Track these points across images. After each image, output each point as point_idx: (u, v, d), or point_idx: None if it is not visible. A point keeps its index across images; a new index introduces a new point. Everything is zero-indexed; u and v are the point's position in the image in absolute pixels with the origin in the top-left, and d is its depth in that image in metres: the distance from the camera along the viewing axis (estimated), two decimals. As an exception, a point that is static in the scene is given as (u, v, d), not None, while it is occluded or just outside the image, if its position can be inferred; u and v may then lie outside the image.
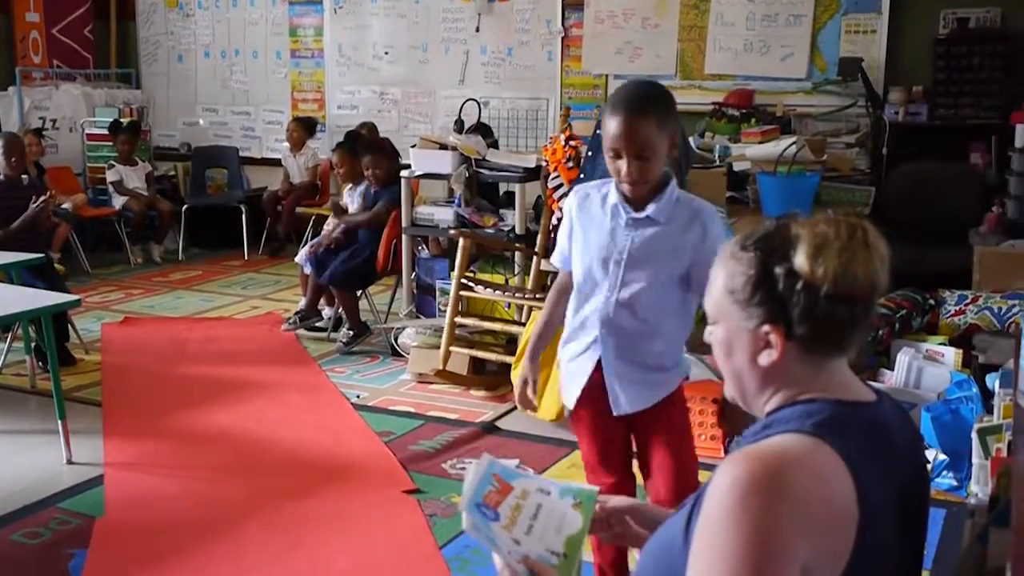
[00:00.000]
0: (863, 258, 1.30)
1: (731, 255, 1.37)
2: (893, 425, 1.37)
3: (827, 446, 1.24)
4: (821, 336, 1.32)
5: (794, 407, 1.33)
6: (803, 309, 1.30)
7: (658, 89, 2.49)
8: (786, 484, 1.19)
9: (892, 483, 1.31)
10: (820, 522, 1.19)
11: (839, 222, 1.32)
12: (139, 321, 6.35)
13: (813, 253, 1.29)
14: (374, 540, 3.40)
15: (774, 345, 1.32)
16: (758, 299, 1.32)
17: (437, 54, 8.23)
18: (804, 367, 1.34)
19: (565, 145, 5.29)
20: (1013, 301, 4.54)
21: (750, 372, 1.37)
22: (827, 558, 1.20)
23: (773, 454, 1.23)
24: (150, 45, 9.58)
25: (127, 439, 4.32)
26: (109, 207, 8.25)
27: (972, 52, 6.24)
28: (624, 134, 2.35)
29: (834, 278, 1.28)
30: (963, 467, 3.69)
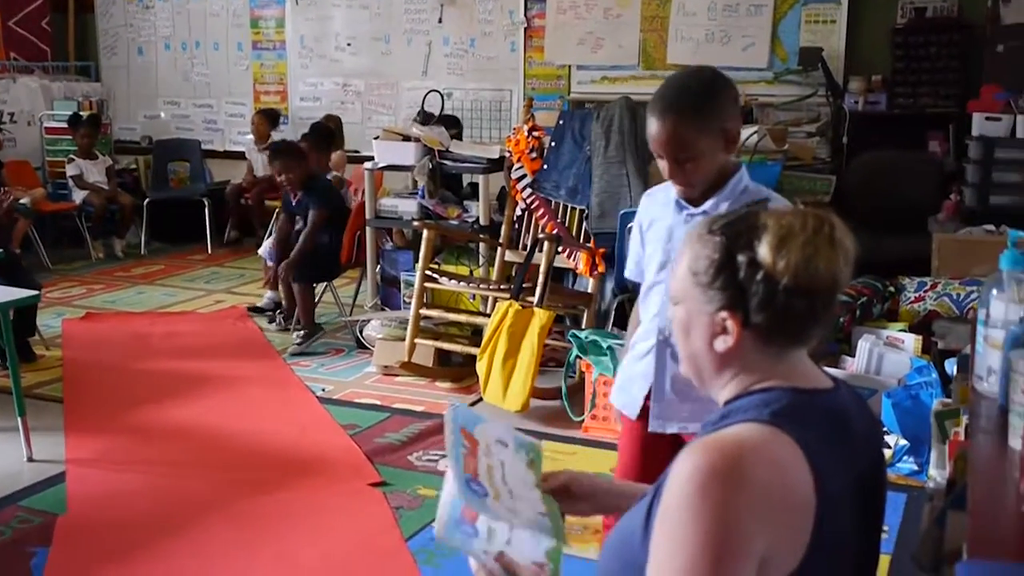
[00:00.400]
0: (826, 253, 1.29)
1: (698, 237, 1.36)
2: (851, 412, 1.38)
3: (784, 435, 1.25)
4: (778, 327, 1.32)
5: (751, 396, 1.33)
6: (761, 299, 1.30)
7: (703, 80, 2.23)
8: (744, 474, 1.19)
9: (850, 470, 1.32)
10: (778, 511, 1.20)
11: (807, 215, 1.32)
12: (101, 316, 6.30)
13: (776, 244, 1.29)
14: (340, 533, 3.39)
15: (730, 332, 1.33)
16: (719, 284, 1.32)
17: (400, 45, 8.21)
18: (761, 355, 1.34)
19: (528, 136, 5.31)
20: (971, 287, 4.60)
21: (706, 355, 1.37)
22: (785, 546, 1.22)
23: (731, 444, 1.24)
24: (109, 37, 9.48)
25: (89, 435, 4.29)
26: (69, 201, 8.16)
27: (929, 41, 6.31)
28: (658, 136, 2.16)
29: (795, 271, 1.28)
30: (923, 452, 3.74)
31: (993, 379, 1.95)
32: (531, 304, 4.50)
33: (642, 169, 4.99)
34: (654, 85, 7.09)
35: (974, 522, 1.53)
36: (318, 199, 5.66)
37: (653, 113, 2.16)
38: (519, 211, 5.39)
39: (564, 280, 5.34)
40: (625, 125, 5.02)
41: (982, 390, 2.00)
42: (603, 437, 4.21)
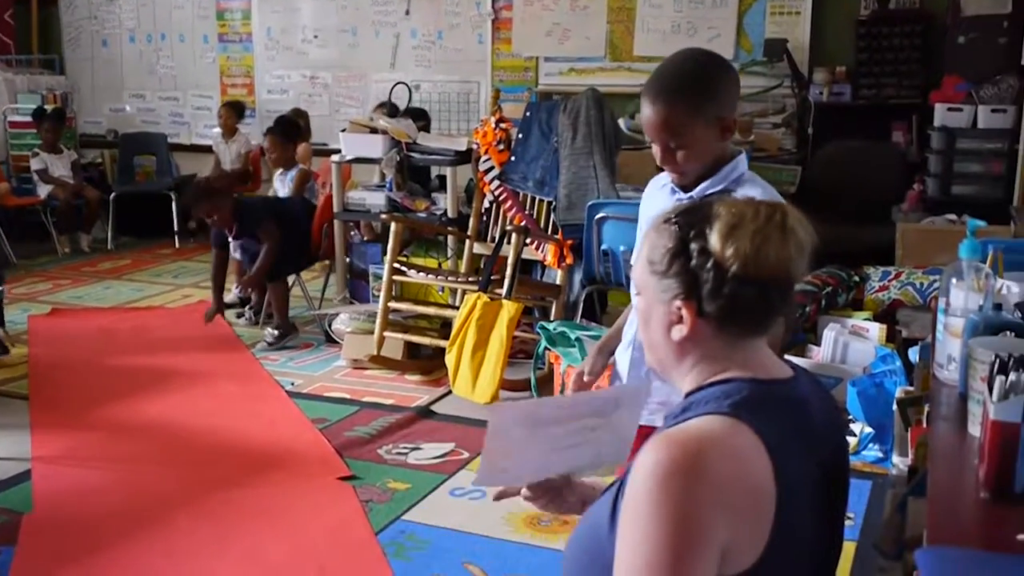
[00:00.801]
0: (777, 241, 1.29)
1: (655, 227, 1.38)
2: (810, 401, 1.39)
3: (744, 426, 1.26)
4: (730, 316, 1.33)
5: (712, 388, 1.34)
6: (712, 287, 1.31)
7: (699, 64, 2.15)
8: (705, 467, 1.20)
9: (810, 459, 1.33)
10: (739, 503, 1.21)
11: (759, 204, 1.33)
12: (67, 312, 6.24)
13: (726, 232, 1.29)
14: (309, 527, 3.39)
15: (685, 320, 1.34)
16: (673, 272, 1.33)
17: (367, 38, 8.18)
18: (718, 344, 1.35)
19: (496, 128, 5.31)
20: (934, 276, 4.66)
21: (665, 344, 1.38)
22: (747, 538, 1.23)
23: (692, 438, 1.25)
24: (73, 30, 9.37)
25: (55, 433, 4.25)
26: (34, 196, 8.08)
27: (892, 33, 6.37)
28: (649, 121, 2.10)
29: (744, 259, 1.29)
30: (888, 439, 3.78)
31: (953, 367, 1.98)
32: (500, 296, 4.51)
33: (609, 160, 5.00)
34: (621, 77, 7.12)
35: (933, 509, 1.55)
36: (258, 220, 5.51)
37: (646, 97, 2.09)
38: (487, 203, 5.40)
39: (532, 272, 5.35)
40: (592, 116, 5.03)
41: (943, 378, 2.03)
42: (572, 428, 4.22)
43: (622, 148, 5.35)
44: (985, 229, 2.30)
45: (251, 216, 5.50)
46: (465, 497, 3.62)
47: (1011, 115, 5.38)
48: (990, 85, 5.50)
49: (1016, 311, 1.98)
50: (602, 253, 4.75)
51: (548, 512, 1.70)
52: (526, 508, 3.25)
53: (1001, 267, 2.22)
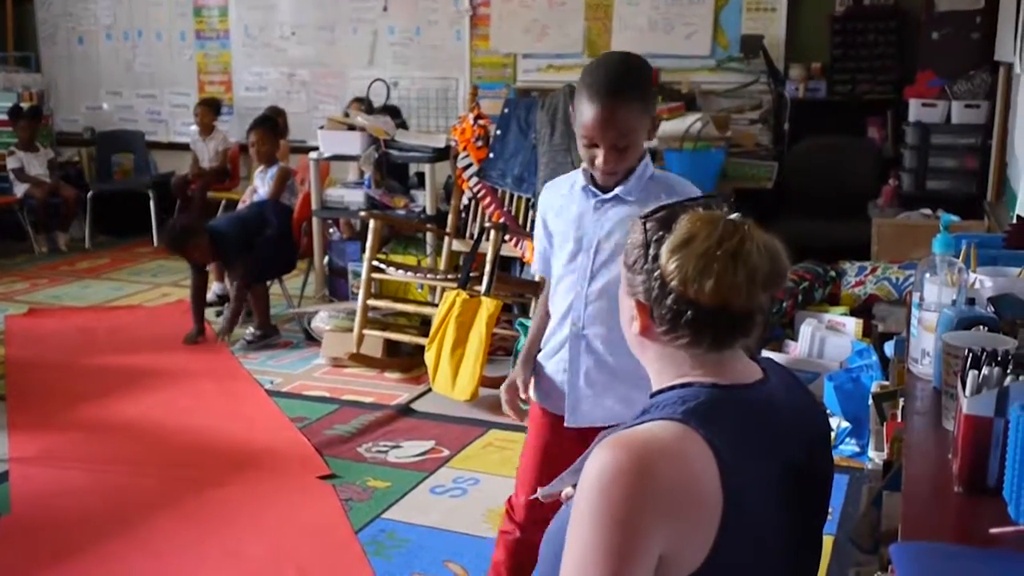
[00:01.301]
0: (722, 268, 1.26)
1: (633, 222, 1.40)
2: (778, 403, 1.39)
3: (694, 432, 1.26)
4: (674, 329, 1.33)
5: (671, 392, 1.35)
6: (657, 296, 1.32)
7: (637, 66, 2.19)
8: (649, 473, 1.21)
9: (773, 461, 1.33)
10: (681, 510, 1.22)
11: (718, 223, 1.30)
12: (44, 312, 6.20)
13: (673, 248, 1.29)
14: (288, 527, 3.39)
15: (637, 318, 1.37)
16: (636, 270, 1.36)
17: (345, 34, 8.15)
18: (675, 349, 1.36)
19: (474, 124, 5.32)
20: (910, 271, 4.69)
21: (629, 335, 1.43)
22: (688, 544, 1.24)
23: (638, 442, 1.25)
24: (49, 27, 9.30)
25: (33, 433, 4.23)
26: (10, 195, 8.00)
27: (867, 29, 6.40)
28: (601, 123, 2.10)
29: (682, 279, 1.28)
30: (864, 434, 3.81)
31: (928, 361, 2.00)
32: (479, 293, 4.51)
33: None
34: (599, 74, 6.99)
35: (908, 503, 1.57)
36: (231, 255, 5.47)
37: (595, 98, 2.09)
38: (466, 200, 5.40)
39: (511, 269, 5.35)
40: (570, 113, 5.03)
41: (917, 372, 2.05)
42: (552, 424, 4.23)
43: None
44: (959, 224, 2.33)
45: (226, 250, 5.43)
46: (446, 495, 3.63)
47: (984, 110, 5.42)
48: (963, 80, 5.55)
49: (989, 305, 2.01)
50: (581, 250, 4.76)
51: None
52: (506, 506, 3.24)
53: (975, 262, 2.25)
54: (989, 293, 2.11)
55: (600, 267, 2.24)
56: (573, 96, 2.21)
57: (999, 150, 5.19)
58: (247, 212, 5.70)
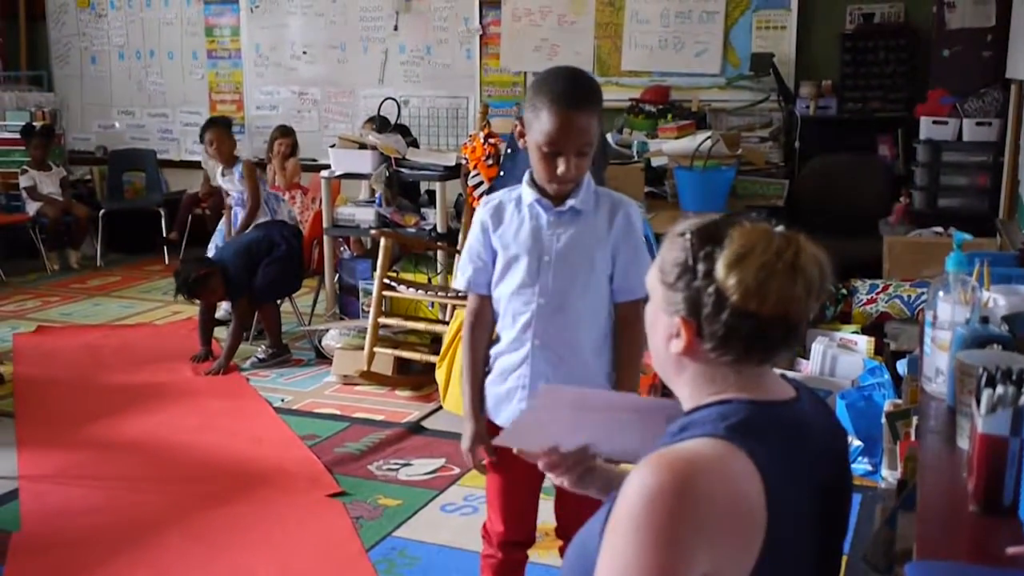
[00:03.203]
0: (782, 279, 1.26)
1: (672, 236, 1.36)
2: (811, 421, 1.38)
3: (738, 450, 1.24)
4: (725, 344, 1.30)
5: (709, 409, 1.33)
6: (710, 313, 1.29)
7: (590, 76, 2.30)
8: (693, 492, 1.19)
9: (808, 481, 1.32)
10: (726, 528, 1.21)
11: (772, 235, 1.29)
12: (52, 330, 6.22)
13: (732, 261, 1.27)
14: (299, 545, 3.38)
15: (682, 337, 1.32)
16: (679, 287, 1.32)
17: (356, 53, 8.19)
18: (716, 367, 1.33)
19: (484, 143, 5.32)
20: (922, 289, 4.68)
21: (665, 355, 1.37)
22: (731, 563, 1.22)
23: (683, 460, 1.23)
24: (61, 46, 9.37)
25: (42, 451, 4.24)
26: (23, 213, 8.05)
27: (877, 46, 6.41)
28: (567, 129, 2.14)
29: (744, 292, 1.26)
30: (877, 452, 3.79)
31: (941, 380, 1.99)
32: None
33: (597, 175, 4.98)
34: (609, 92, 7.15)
35: (923, 523, 1.56)
36: (236, 290, 5.43)
37: (561, 105, 2.13)
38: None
39: (522, 287, 5.34)
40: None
41: (931, 391, 2.04)
42: (563, 443, 4.22)
43: (610, 163, 5.37)
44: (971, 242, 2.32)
45: (235, 286, 5.40)
46: (456, 513, 3.62)
47: (996, 128, 5.41)
48: (975, 98, 5.54)
49: (1003, 324, 2.00)
50: (591, 267, 4.76)
51: (565, 486, 1.66)
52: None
53: (988, 280, 2.24)
54: (1003, 312, 2.10)
55: (559, 280, 2.27)
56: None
57: (1011, 168, 5.18)
58: (254, 235, 5.62)
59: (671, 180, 5.72)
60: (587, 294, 2.29)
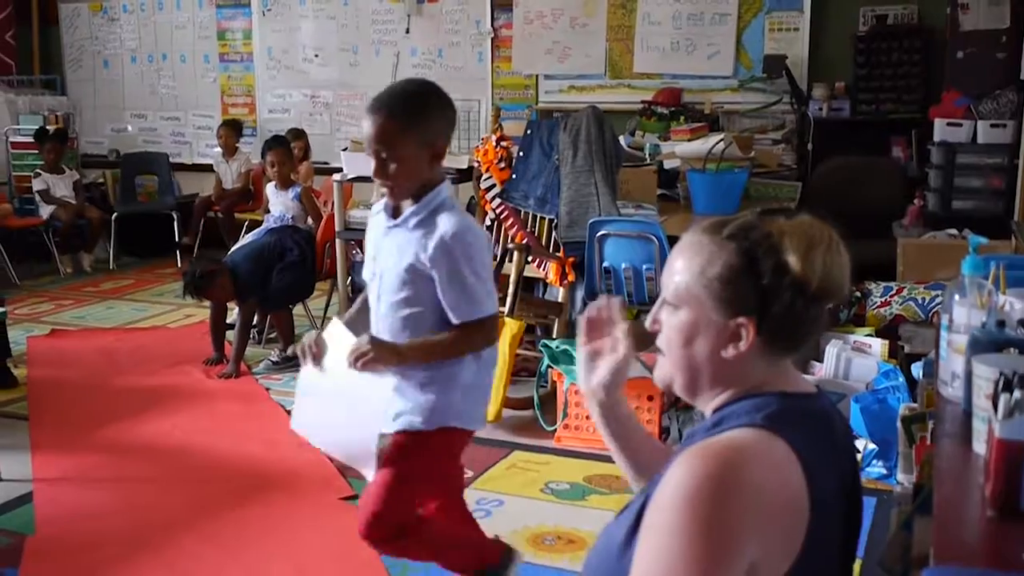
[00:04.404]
0: (839, 262, 1.34)
1: (708, 242, 1.36)
2: (833, 416, 1.41)
3: (779, 438, 1.26)
4: (787, 334, 1.35)
5: (743, 402, 1.34)
6: (785, 305, 1.31)
7: (418, 89, 2.37)
8: (739, 479, 1.21)
9: (836, 472, 1.35)
10: (772, 516, 1.22)
11: (816, 224, 1.36)
12: (66, 333, 6.24)
13: (805, 252, 1.31)
14: (312, 548, 3.38)
15: (743, 338, 1.33)
16: (738, 290, 1.32)
17: (368, 56, 8.21)
18: (759, 363, 1.36)
19: (496, 146, 5.32)
20: (936, 291, 4.65)
21: (709, 363, 1.37)
22: (778, 550, 1.23)
23: (727, 448, 1.25)
24: (74, 50, 9.42)
25: (56, 454, 4.25)
26: (36, 217, 8.09)
27: (891, 48, 6.40)
28: (367, 132, 2.31)
29: (820, 279, 1.31)
30: (892, 456, 3.77)
31: (957, 384, 1.98)
32: (502, 314, 4.50)
33: (610, 178, 5.01)
34: (621, 94, 7.11)
35: (939, 527, 1.55)
36: (246, 291, 5.41)
37: (368, 110, 2.30)
38: (488, 221, 5.40)
39: (534, 290, 5.35)
40: (592, 134, 5.04)
41: (947, 395, 2.02)
42: (576, 447, 4.22)
43: (623, 165, 5.36)
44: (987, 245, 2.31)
45: (243, 288, 5.39)
46: (469, 516, 3.61)
47: (1011, 130, 5.38)
48: (989, 100, 5.51)
49: (1019, 328, 1.98)
50: (604, 270, 4.76)
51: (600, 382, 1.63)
52: (531, 527, 3.25)
53: (1004, 283, 2.22)
54: (1019, 315, 2.09)
55: (387, 289, 2.43)
56: (596, 117, 2.32)
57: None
58: (266, 241, 5.61)
59: (683, 182, 5.71)
60: (401, 309, 2.42)
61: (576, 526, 3.49)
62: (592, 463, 4.06)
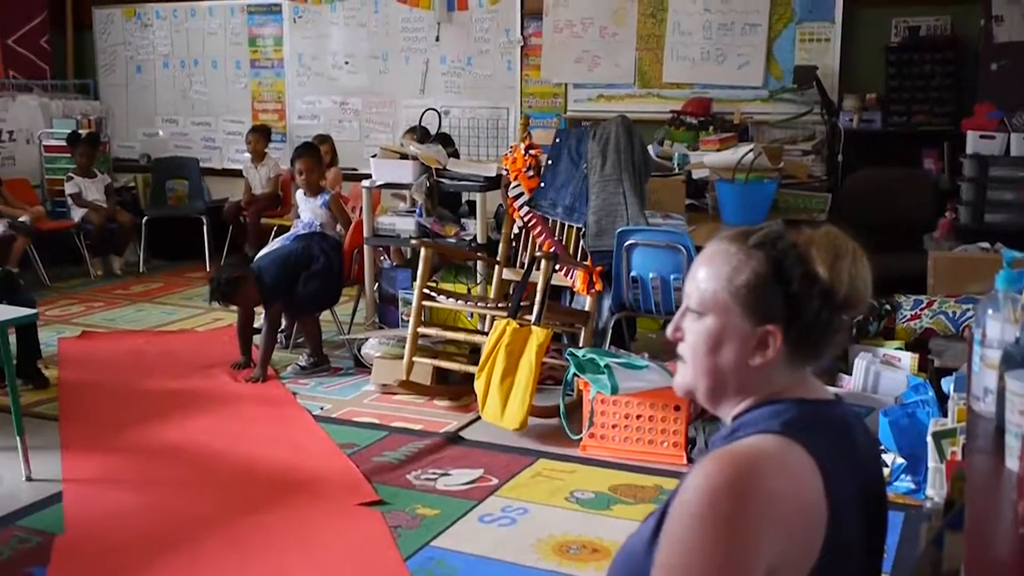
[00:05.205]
0: (863, 273, 1.36)
1: (735, 250, 1.37)
2: (853, 424, 1.41)
3: (797, 445, 1.27)
4: (815, 341, 1.36)
5: (760, 409, 1.35)
6: (814, 313, 1.33)
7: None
8: (757, 485, 1.21)
9: (856, 480, 1.34)
10: (790, 521, 1.22)
11: (840, 235, 1.38)
12: (96, 335, 6.30)
13: (832, 262, 1.33)
14: (337, 553, 3.39)
15: (770, 345, 1.34)
16: (765, 298, 1.34)
17: (397, 63, 8.24)
18: (782, 370, 1.37)
19: (525, 154, 5.32)
20: (967, 305, 4.61)
21: (736, 371, 1.37)
22: (796, 555, 1.23)
23: (744, 455, 1.26)
24: (108, 55, 9.51)
25: (85, 454, 4.29)
26: (68, 220, 8.18)
27: (923, 60, 6.36)
28: None
29: (847, 287, 1.34)
30: (920, 470, 3.74)
31: (990, 399, 1.96)
32: (529, 322, 4.51)
33: (638, 187, 5.00)
34: (650, 104, 7.14)
35: (971, 544, 1.54)
36: (271, 296, 5.42)
37: None
38: (516, 229, 5.41)
39: (561, 298, 5.35)
40: (622, 143, 5.03)
41: (979, 410, 2.01)
42: (601, 455, 4.21)
43: (651, 175, 5.35)
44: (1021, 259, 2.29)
45: (268, 292, 5.40)
46: (494, 524, 3.61)
47: (1044, 143, 5.34)
48: (1023, 112, 5.47)
49: (1054, 343, 1.96)
50: (631, 280, 4.75)
51: None
52: (555, 536, 3.25)
53: (1038, 298, 2.20)
54: (1054, 330, 2.07)
55: None
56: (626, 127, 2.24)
57: (1059, 183, 5.10)
58: (293, 247, 5.62)
59: (712, 192, 5.69)
60: None
61: (600, 535, 3.48)
62: (617, 472, 4.05)
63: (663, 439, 4.15)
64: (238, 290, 5.33)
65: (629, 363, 4.15)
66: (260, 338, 5.48)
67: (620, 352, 4.41)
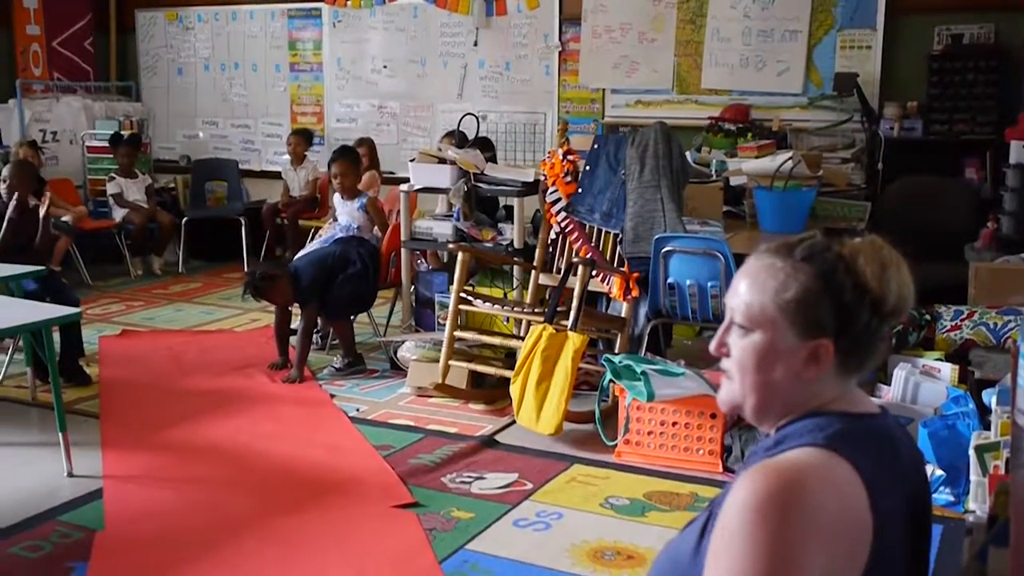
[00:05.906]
0: (907, 282, 1.36)
1: (782, 265, 1.36)
2: (898, 436, 1.41)
3: (841, 458, 1.27)
4: (864, 353, 1.36)
5: (804, 421, 1.35)
6: (864, 324, 1.33)
7: None
8: (803, 497, 1.21)
9: (901, 492, 1.34)
10: (836, 534, 1.22)
11: (883, 245, 1.38)
12: (136, 334, 6.37)
13: (880, 272, 1.34)
14: (372, 554, 3.41)
15: (822, 358, 1.34)
16: (816, 312, 1.33)
17: (435, 68, 8.28)
18: (830, 382, 1.37)
19: (563, 159, 5.33)
20: (1008, 316, 4.57)
21: (785, 385, 1.36)
22: (841, 569, 1.23)
23: (789, 468, 1.25)
24: (150, 58, 9.62)
25: (125, 452, 4.33)
26: (109, 219, 8.28)
27: (966, 68, 6.30)
28: None
29: (896, 298, 1.34)
30: (960, 483, 3.71)
31: (1034, 413, 1.95)
32: (565, 328, 4.51)
33: (676, 194, 5.00)
34: (688, 110, 7.15)
35: (1016, 559, 1.53)
36: (306, 296, 5.46)
37: None
38: (553, 234, 5.41)
39: (598, 304, 5.34)
40: (660, 150, 5.03)
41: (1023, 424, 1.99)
42: (636, 462, 4.20)
43: (689, 181, 5.34)
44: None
45: (303, 293, 5.44)
46: (529, 528, 3.62)
47: (1089, 153, 5.27)
48: (1067, 122, 5.40)
49: (1101, 357, 1.94)
50: (668, 287, 4.74)
51: None
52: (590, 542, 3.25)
53: (1084, 311, 2.18)
54: (1101, 343, 2.05)
55: None
56: (664, 133, 2.23)
57: (1104, 194, 5.03)
58: (331, 250, 5.65)
59: (750, 200, 5.67)
60: None
61: (635, 542, 3.48)
62: (652, 479, 4.04)
63: (699, 447, 4.14)
64: (271, 287, 5.37)
65: (665, 370, 4.14)
66: (296, 339, 5.52)
67: (656, 359, 4.41)
